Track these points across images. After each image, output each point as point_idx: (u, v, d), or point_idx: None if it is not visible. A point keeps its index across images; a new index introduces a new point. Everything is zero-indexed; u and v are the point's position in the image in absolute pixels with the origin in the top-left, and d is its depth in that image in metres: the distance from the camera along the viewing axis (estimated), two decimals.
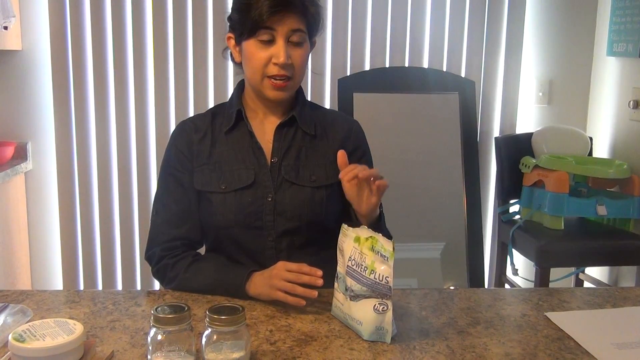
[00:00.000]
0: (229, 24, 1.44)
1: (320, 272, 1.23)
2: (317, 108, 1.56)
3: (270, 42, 1.36)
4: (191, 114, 2.80)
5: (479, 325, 1.22)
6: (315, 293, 1.22)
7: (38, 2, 2.71)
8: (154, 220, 1.47)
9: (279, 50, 1.35)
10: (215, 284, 1.35)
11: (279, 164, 1.43)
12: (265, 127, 1.47)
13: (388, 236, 1.17)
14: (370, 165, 1.55)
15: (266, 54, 1.36)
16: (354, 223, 1.35)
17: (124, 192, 2.85)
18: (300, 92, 1.50)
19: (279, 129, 1.46)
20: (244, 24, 1.36)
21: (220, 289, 1.34)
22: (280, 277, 1.25)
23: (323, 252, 1.41)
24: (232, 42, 1.44)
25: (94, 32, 2.73)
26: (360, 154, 1.53)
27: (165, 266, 1.40)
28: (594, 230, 2.69)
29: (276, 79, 1.38)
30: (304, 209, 1.42)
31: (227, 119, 1.47)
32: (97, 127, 2.79)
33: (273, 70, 1.37)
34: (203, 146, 1.45)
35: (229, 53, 1.49)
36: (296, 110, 1.46)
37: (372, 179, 1.30)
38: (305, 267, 1.24)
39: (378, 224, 1.39)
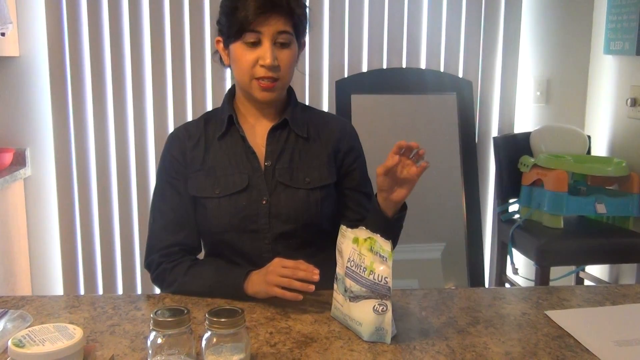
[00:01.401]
0: (218, 27, 1.45)
1: (317, 270, 1.23)
2: (309, 110, 1.56)
3: (257, 44, 1.36)
4: (189, 117, 2.81)
5: (478, 325, 1.22)
6: (312, 287, 1.22)
7: (35, 8, 2.71)
8: (152, 227, 1.47)
9: (265, 52, 1.36)
10: (214, 286, 1.35)
11: (272, 167, 1.44)
12: (257, 131, 1.48)
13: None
14: (364, 168, 1.56)
15: (253, 56, 1.37)
16: (374, 214, 1.36)
17: (123, 196, 2.85)
18: (291, 95, 1.51)
19: (272, 132, 1.46)
20: (231, 26, 1.37)
21: (219, 291, 1.34)
22: (277, 273, 1.25)
23: (319, 254, 1.42)
24: (221, 45, 1.45)
25: (91, 38, 2.73)
26: (355, 155, 1.54)
27: (163, 271, 1.41)
28: (593, 228, 2.69)
29: (263, 80, 1.38)
30: (299, 211, 1.43)
31: (219, 124, 1.47)
32: (95, 132, 2.79)
33: (260, 72, 1.37)
34: (197, 152, 1.45)
35: (218, 57, 1.49)
36: (288, 113, 1.47)
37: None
38: (302, 264, 1.25)
39: (403, 213, 1.40)
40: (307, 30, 1.46)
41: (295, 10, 1.38)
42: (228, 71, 1.51)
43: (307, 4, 1.46)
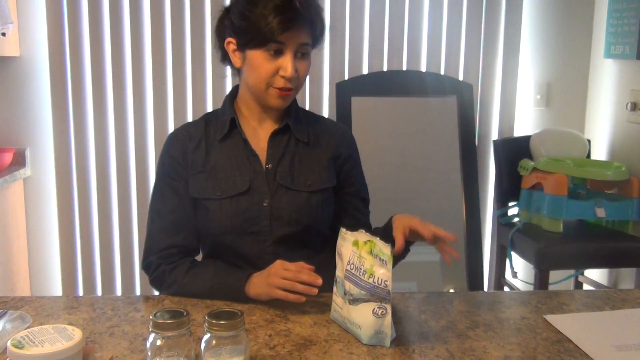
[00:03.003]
0: (228, 27, 1.43)
1: (320, 280, 1.23)
2: (309, 115, 1.57)
3: (278, 54, 1.37)
4: (190, 117, 2.81)
5: (478, 329, 1.22)
6: (315, 290, 1.22)
7: (36, 8, 2.71)
8: (150, 229, 1.47)
9: (287, 64, 1.36)
10: (214, 287, 1.35)
11: (274, 170, 1.44)
12: (259, 135, 1.48)
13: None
14: (362, 173, 1.58)
15: (273, 66, 1.37)
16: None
17: (123, 197, 2.84)
18: (293, 100, 1.51)
19: (273, 136, 1.47)
20: (252, 34, 1.35)
21: (219, 293, 1.34)
22: (279, 275, 1.25)
23: (318, 256, 1.42)
24: (233, 47, 1.43)
25: (92, 38, 2.73)
26: (354, 162, 1.55)
27: (162, 272, 1.40)
28: (592, 232, 2.69)
29: (282, 90, 1.39)
30: (300, 213, 1.43)
31: (221, 127, 1.47)
32: (95, 132, 2.79)
33: (279, 82, 1.38)
34: (198, 154, 1.45)
35: (220, 55, 1.49)
36: (290, 118, 1.47)
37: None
38: (304, 268, 1.25)
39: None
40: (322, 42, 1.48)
41: (316, 24, 1.40)
42: (228, 70, 1.51)
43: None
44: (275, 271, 1.27)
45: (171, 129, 2.79)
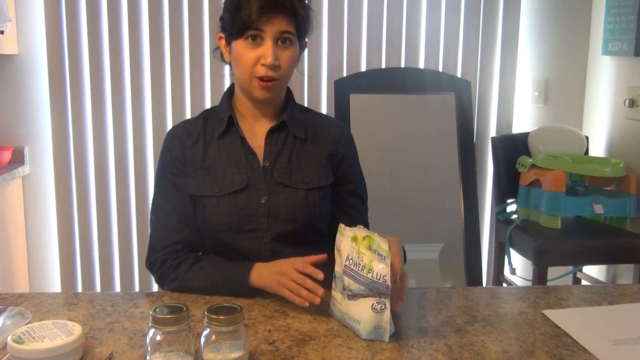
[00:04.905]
0: (221, 24, 1.45)
1: (321, 291, 1.24)
2: (306, 111, 1.57)
3: (259, 43, 1.37)
4: (188, 114, 2.81)
5: (476, 323, 1.23)
6: (318, 300, 1.23)
7: (34, 6, 2.71)
8: (154, 227, 1.47)
9: (266, 51, 1.36)
10: (218, 281, 1.35)
11: (271, 167, 1.44)
12: (256, 132, 1.48)
13: None
14: (360, 171, 1.58)
15: (254, 55, 1.37)
16: None
17: (122, 194, 2.84)
18: (289, 95, 1.51)
19: (270, 133, 1.47)
20: (233, 24, 1.37)
21: (223, 286, 1.35)
22: (289, 276, 1.27)
23: (316, 254, 1.42)
24: (223, 42, 1.45)
25: (90, 36, 2.73)
26: (350, 161, 1.55)
27: (168, 268, 1.41)
28: (590, 229, 2.69)
29: (263, 80, 1.38)
30: (298, 211, 1.43)
31: (218, 124, 1.47)
32: (94, 130, 2.79)
33: (261, 71, 1.37)
34: (196, 151, 1.46)
35: (219, 53, 1.50)
36: (286, 115, 1.47)
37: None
38: (312, 270, 1.26)
39: None
40: (310, 32, 1.46)
41: (299, 11, 1.38)
42: (227, 69, 1.51)
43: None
44: (286, 271, 1.28)
45: (169, 126, 2.79)
